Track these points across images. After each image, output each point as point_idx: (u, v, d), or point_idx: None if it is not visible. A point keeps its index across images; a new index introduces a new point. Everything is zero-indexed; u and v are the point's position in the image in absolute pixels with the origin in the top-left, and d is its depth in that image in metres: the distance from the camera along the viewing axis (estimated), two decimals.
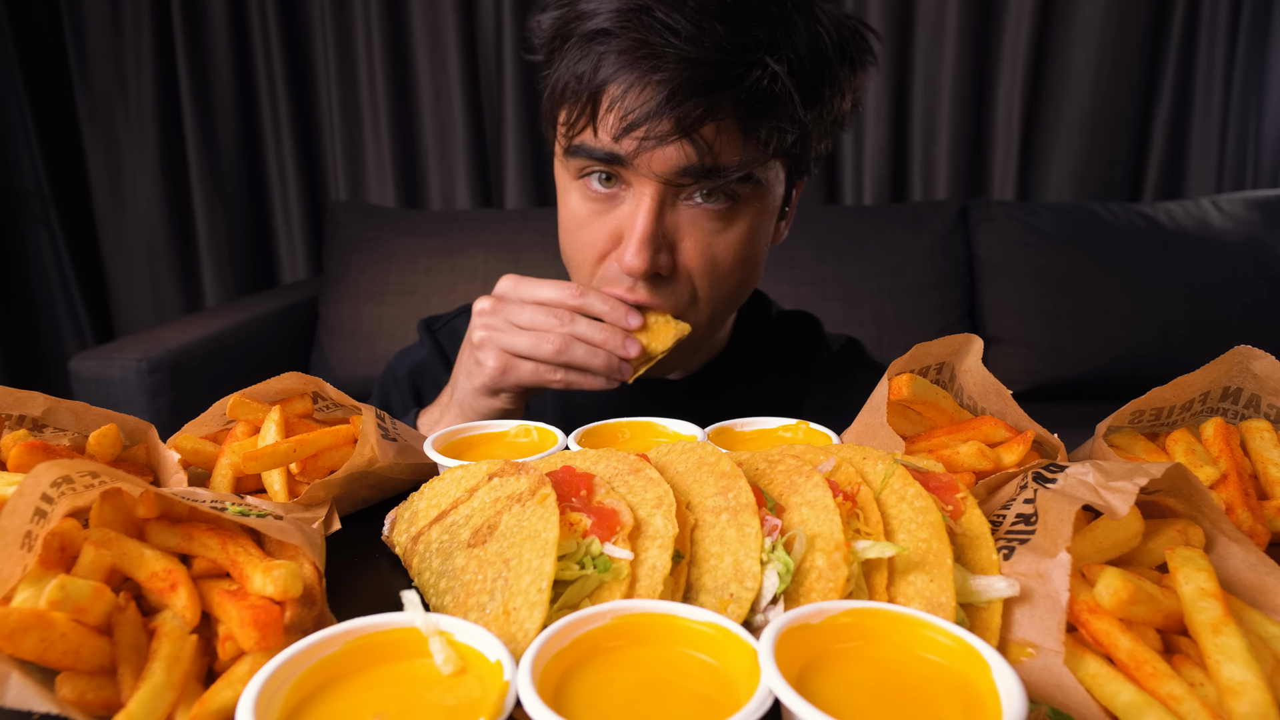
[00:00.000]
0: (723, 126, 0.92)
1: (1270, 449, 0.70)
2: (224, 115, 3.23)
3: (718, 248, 1.00)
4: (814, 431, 0.87)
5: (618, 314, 0.98)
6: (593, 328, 0.97)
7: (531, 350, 0.97)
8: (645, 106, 0.88)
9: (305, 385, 0.83)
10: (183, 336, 2.38)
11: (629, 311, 0.98)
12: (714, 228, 0.99)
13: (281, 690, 0.42)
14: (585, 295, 0.97)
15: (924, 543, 0.52)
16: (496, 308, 1.01)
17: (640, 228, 0.95)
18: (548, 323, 0.97)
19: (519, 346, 0.98)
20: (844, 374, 1.30)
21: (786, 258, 2.74)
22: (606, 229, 1.00)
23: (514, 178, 3.21)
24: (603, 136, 0.94)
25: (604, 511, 0.55)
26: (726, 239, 1.00)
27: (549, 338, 0.97)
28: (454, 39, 3.08)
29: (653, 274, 0.98)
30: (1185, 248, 2.69)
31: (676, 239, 0.99)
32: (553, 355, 0.97)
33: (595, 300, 0.98)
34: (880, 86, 3.03)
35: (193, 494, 0.59)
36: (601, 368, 0.98)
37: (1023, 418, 0.73)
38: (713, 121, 0.90)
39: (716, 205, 0.97)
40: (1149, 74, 3.05)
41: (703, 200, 0.97)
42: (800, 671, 0.43)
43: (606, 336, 0.97)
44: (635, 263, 0.95)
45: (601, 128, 0.94)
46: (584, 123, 0.95)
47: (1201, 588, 0.48)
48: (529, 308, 0.99)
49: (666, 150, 0.91)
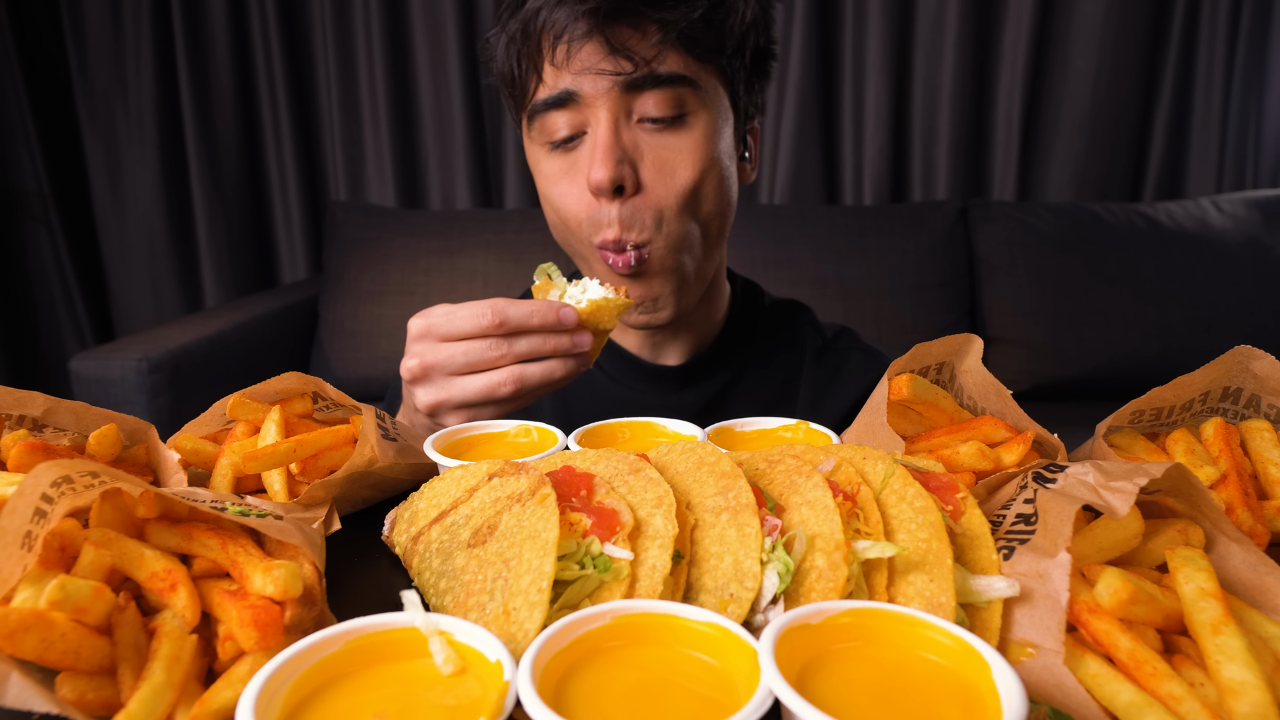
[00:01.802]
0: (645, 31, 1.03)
1: (1270, 449, 0.70)
2: (224, 115, 3.23)
3: (673, 156, 1.07)
4: (814, 431, 0.87)
5: (547, 316, 0.92)
6: (534, 342, 0.92)
7: (488, 394, 0.93)
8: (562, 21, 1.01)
9: (305, 385, 0.83)
10: (183, 336, 2.38)
11: (559, 309, 0.92)
12: (665, 141, 1.07)
13: (281, 690, 0.42)
14: (504, 312, 0.91)
15: (924, 543, 0.52)
16: (427, 366, 0.94)
17: (600, 141, 1.04)
18: (485, 356, 0.92)
19: (471, 395, 0.94)
20: (837, 358, 1.34)
21: (786, 258, 2.74)
22: (579, 175, 1.08)
23: (514, 178, 3.21)
24: (548, 79, 1.05)
25: (604, 511, 0.55)
26: (680, 149, 1.07)
27: (499, 377, 0.92)
28: (454, 39, 3.08)
29: (618, 187, 1.04)
30: (1185, 248, 2.69)
31: (636, 158, 1.06)
32: (512, 394, 0.93)
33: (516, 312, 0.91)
34: (880, 86, 3.03)
35: (193, 494, 0.59)
36: (562, 375, 0.95)
37: (1023, 418, 0.73)
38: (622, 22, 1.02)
39: (664, 118, 1.06)
40: (1149, 74, 3.05)
41: (652, 119, 1.06)
42: (800, 671, 0.43)
43: (554, 344, 0.93)
44: (601, 174, 1.02)
45: (546, 70, 1.05)
46: (534, 76, 1.07)
47: (1201, 588, 0.48)
48: (458, 346, 0.93)
49: (601, 69, 1.02)
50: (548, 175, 1.12)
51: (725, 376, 1.29)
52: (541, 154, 1.12)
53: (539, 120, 1.09)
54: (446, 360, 0.93)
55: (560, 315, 0.92)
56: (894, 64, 3.02)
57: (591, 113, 1.05)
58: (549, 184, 1.12)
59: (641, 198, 1.07)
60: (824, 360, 1.33)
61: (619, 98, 1.04)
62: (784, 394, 1.30)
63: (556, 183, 1.11)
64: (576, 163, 1.09)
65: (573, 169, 1.09)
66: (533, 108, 1.08)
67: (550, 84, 1.05)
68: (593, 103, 1.04)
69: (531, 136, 1.12)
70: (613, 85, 1.03)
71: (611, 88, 1.03)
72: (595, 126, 1.05)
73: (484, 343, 0.92)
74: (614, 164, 1.03)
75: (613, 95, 1.04)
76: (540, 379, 0.93)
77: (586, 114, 1.06)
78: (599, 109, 1.04)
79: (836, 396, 1.29)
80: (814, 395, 1.30)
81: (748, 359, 1.31)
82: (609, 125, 1.04)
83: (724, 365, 1.30)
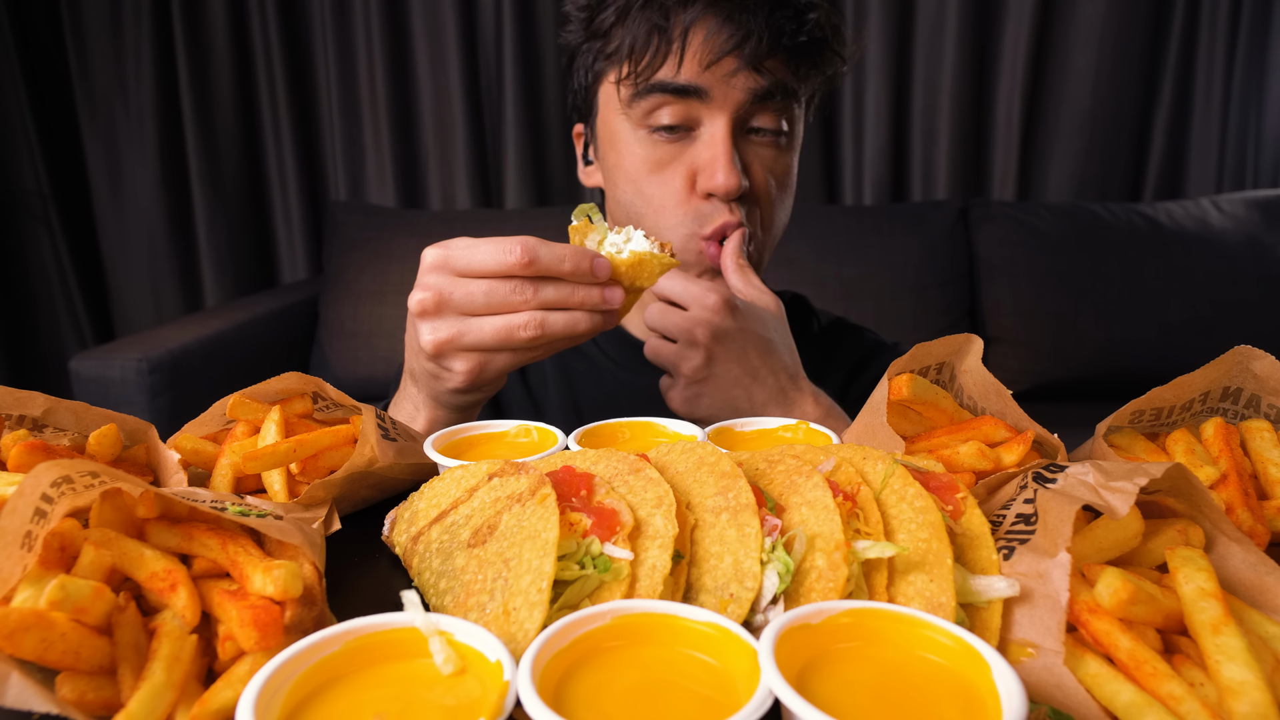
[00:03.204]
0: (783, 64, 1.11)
1: (1270, 449, 0.70)
2: (224, 115, 3.23)
3: (778, 171, 1.17)
4: (814, 431, 0.87)
5: (580, 263, 0.82)
6: (562, 290, 0.83)
7: (504, 340, 0.84)
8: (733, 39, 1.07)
9: (305, 385, 0.83)
10: (183, 336, 2.38)
11: (594, 257, 0.83)
12: (772, 155, 1.16)
13: (281, 690, 0.42)
14: (534, 250, 0.81)
15: (924, 543, 0.52)
16: (441, 300, 0.85)
17: (725, 150, 1.09)
18: (509, 299, 0.82)
19: (486, 337, 0.84)
20: (831, 340, 1.43)
21: (786, 258, 2.74)
22: (683, 169, 1.12)
23: (514, 178, 3.20)
24: (685, 71, 1.08)
25: (604, 511, 0.55)
26: (782, 164, 1.18)
27: (519, 319, 0.83)
28: (454, 39, 3.08)
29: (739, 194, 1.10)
30: (1185, 248, 2.69)
31: (747, 166, 1.13)
32: (530, 341, 0.83)
33: (547, 254, 0.81)
34: (880, 86, 3.03)
35: (193, 494, 0.59)
36: (585, 329, 0.85)
37: (1023, 418, 0.73)
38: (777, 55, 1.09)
39: (773, 136, 1.15)
40: (1149, 74, 3.05)
41: (762, 133, 1.14)
42: (800, 671, 0.43)
43: (583, 296, 0.83)
44: (730, 180, 1.07)
45: (686, 63, 1.08)
46: (663, 60, 1.09)
47: (1201, 588, 0.48)
48: (478, 284, 0.83)
49: (744, 85, 1.09)
50: (643, 159, 1.14)
51: None
52: (637, 134, 1.14)
53: (649, 99, 1.10)
54: (464, 297, 0.83)
55: (594, 265, 0.83)
56: (894, 64, 3.02)
57: (708, 112, 1.10)
58: (643, 169, 1.14)
59: (753, 203, 1.14)
60: (820, 345, 1.39)
61: (744, 108, 1.10)
62: None
63: (654, 170, 1.13)
64: (681, 156, 1.12)
65: (676, 162, 1.12)
66: (653, 85, 1.09)
67: (686, 74, 1.08)
68: (718, 105, 1.09)
69: (627, 111, 1.14)
70: (745, 98, 1.09)
71: (743, 99, 1.09)
72: (712, 128, 1.10)
73: (508, 283, 0.82)
74: (739, 173, 1.09)
75: (741, 105, 1.09)
76: (563, 329, 0.84)
77: (702, 112, 1.10)
78: (720, 112, 1.09)
79: (833, 380, 1.34)
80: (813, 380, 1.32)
81: None
82: (729, 133, 1.09)
83: None
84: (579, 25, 1.18)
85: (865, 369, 1.35)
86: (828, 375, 1.34)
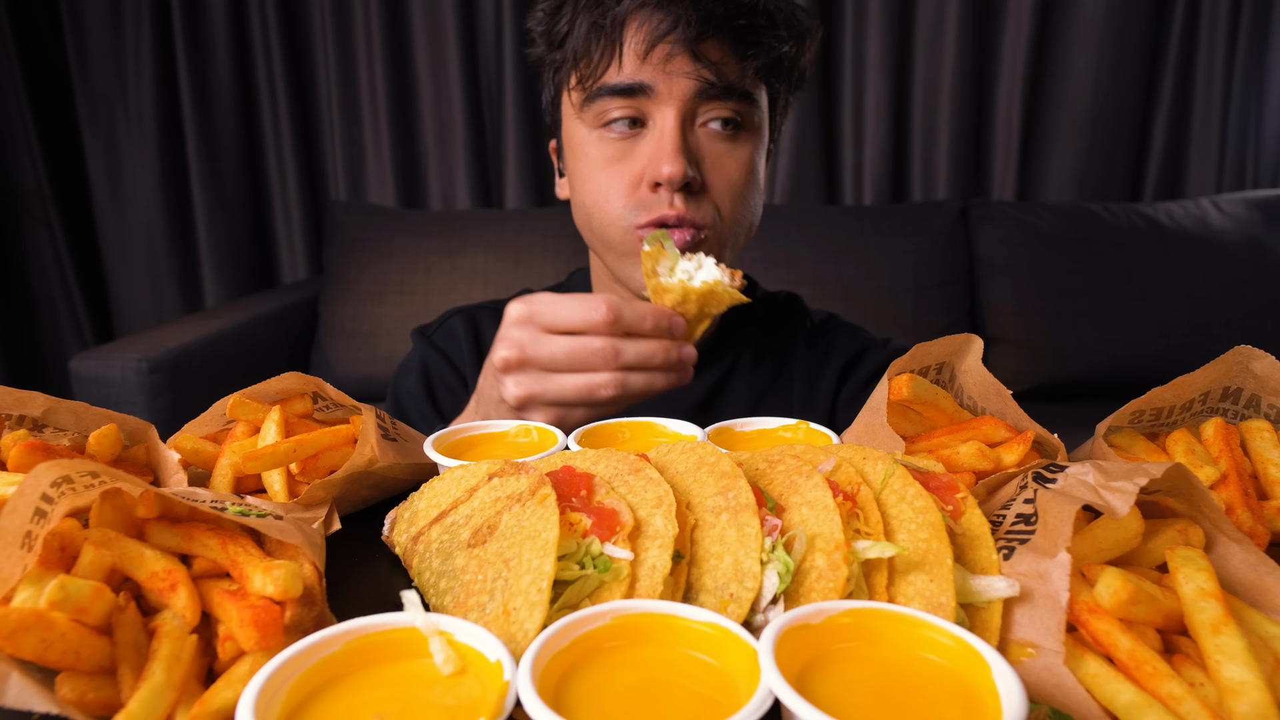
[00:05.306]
0: (724, 49, 1.08)
1: (1270, 449, 0.70)
2: (224, 115, 3.23)
3: (732, 166, 1.12)
4: (814, 431, 0.87)
5: (660, 321, 0.86)
6: (643, 350, 0.86)
7: (587, 395, 0.87)
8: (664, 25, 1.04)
9: (305, 385, 0.83)
10: (183, 336, 2.38)
11: (672, 317, 0.87)
12: (726, 148, 1.11)
13: (281, 690, 0.42)
14: (618, 308, 0.85)
15: (924, 543, 0.52)
16: (526, 357, 0.88)
17: (670, 138, 1.06)
18: (590, 359, 0.86)
19: (568, 394, 0.87)
20: (824, 338, 1.40)
21: (786, 258, 2.74)
22: (633, 165, 1.10)
23: (514, 178, 3.20)
24: (627, 68, 1.07)
25: (604, 511, 0.55)
26: (737, 158, 1.12)
27: (601, 379, 0.86)
28: (454, 39, 3.08)
29: (685, 184, 1.06)
30: (1185, 248, 2.69)
31: (698, 158, 1.10)
32: (611, 399, 0.87)
33: (631, 312, 0.85)
34: (880, 86, 3.03)
35: (193, 494, 0.59)
36: (662, 387, 0.89)
37: (1023, 418, 0.73)
38: (715, 38, 1.06)
39: (726, 129, 1.11)
40: (1149, 74, 3.05)
41: (715, 125, 1.10)
42: (800, 671, 0.43)
43: (664, 357, 0.87)
44: (673, 169, 1.04)
45: (626, 59, 1.07)
46: (606, 62, 1.07)
47: (1201, 588, 0.48)
48: (560, 341, 0.87)
49: (685, 71, 1.06)
50: (594, 159, 1.13)
51: (724, 365, 1.34)
52: (590, 135, 1.13)
53: (598, 103, 1.10)
54: (547, 354, 0.87)
55: (673, 324, 0.87)
56: (894, 64, 3.02)
57: (657, 108, 1.08)
58: (594, 167, 1.13)
59: (703, 195, 1.11)
60: (815, 344, 1.39)
61: (691, 101, 1.07)
62: (778, 379, 1.35)
63: (603, 168, 1.12)
64: (631, 152, 1.10)
65: (628, 157, 1.11)
66: (599, 89, 1.09)
67: (628, 72, 1.07)
68: (664, 99, 1.07)
69: (581, 115, 1.13)
70: (690, 90, 1.07)
71: (688, 92, 1.07)
72: (660, 122, 1.08)
73: (593, 342, 0.85)
74: (685, 162, 1.06)
75: (687, 98, 1.07)
76: (642, 388, 0.87)
77: (651, 108, 1.08)
78: (668, 106, 1.07)
79: (827, 377, 1.34)
80: (808, 378, 1.35)
81: (743, 348, 1.36)
82: (678, 124, 1.07)
83: (723, 354, 1.34)
84: (540, 39, 1.19)
85: (858, 366, 1.36)
86: (821, 373, 1.35)
